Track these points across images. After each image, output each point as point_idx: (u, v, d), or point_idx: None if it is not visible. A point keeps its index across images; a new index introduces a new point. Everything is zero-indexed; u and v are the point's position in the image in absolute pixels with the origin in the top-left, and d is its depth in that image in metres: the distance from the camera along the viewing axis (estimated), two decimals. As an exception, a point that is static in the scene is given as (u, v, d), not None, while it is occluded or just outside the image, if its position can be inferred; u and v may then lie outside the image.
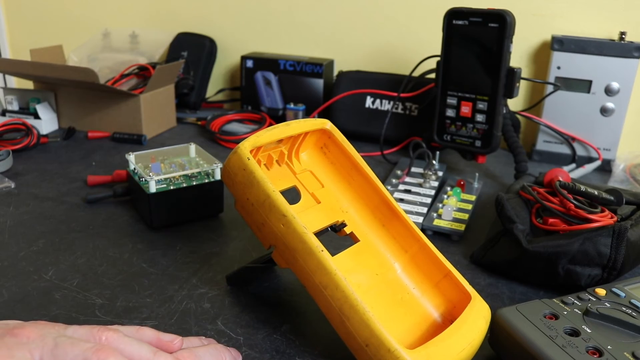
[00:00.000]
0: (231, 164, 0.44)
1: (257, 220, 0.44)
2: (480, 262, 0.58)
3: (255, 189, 0.43)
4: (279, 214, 0.42)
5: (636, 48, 0.87)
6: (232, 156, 0.44)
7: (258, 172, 0.43)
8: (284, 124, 0.47)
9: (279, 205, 0.42)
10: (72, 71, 0.92)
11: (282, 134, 0.47)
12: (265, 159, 0.50)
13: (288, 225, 0.41)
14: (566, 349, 0.37)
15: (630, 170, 0.85)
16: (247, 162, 0.43)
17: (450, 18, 0.78)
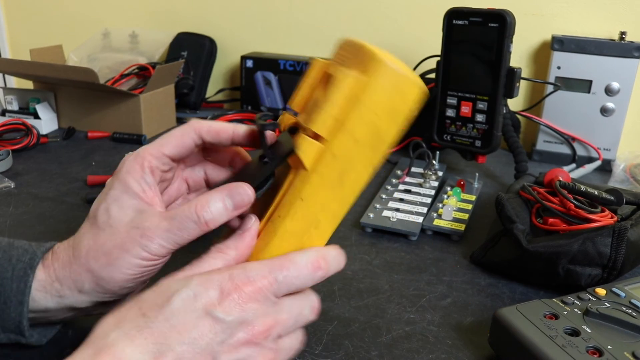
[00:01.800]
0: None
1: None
2: (480, 262, 0.58)
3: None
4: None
5: (636, 48, 0.87)
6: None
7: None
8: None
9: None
10: (72, 71, 0.92)
11: None
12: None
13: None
14: (566, 349, 0.37)
15: (630, 170, 0.85)
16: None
17: (450, 18, 0.78)
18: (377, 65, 0.35)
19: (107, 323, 0.31)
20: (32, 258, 0.37)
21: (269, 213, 0.37)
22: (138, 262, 0.36)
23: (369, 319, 0.48)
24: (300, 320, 0.36)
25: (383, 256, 0.59)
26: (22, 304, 0.37)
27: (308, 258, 0.35)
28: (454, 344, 0.45)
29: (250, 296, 0.32)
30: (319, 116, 0.35)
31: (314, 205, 0.36)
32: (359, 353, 0.44)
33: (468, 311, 0.50)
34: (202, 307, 0.31)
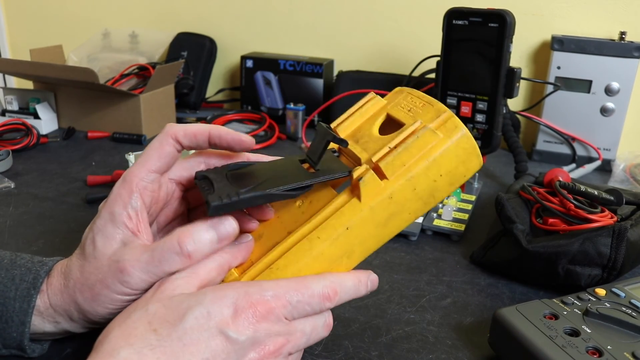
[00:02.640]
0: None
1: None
2: (480, 262, 0.58)
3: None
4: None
5: (636, 48, 0.87)
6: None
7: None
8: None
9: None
10: (72, 71, 0.92)
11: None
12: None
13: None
14: (566, 349, 0.37)
15: (630, 170, 0.85)
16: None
17: (450, 18, 0.78)
18: (457, 130, 0.37)
19: (115, 337, 0.31)
20: (36, 278, 0.37)
21: (306, 230, 0.37)
22: (119, 297, 0.35)
23: (369, 319, 0.48)
24: (313, 337, 0.36)
25: (383, 256, 0.59)
26: (24, 324, 0.37)
27: (323, 287, 0.35)
28: (454, 344, 0.45)
29: (264, 316, 0.32)
30: (390, 157, 0.37)
31: (355, 237, 0.37)
32: (359, 353, 0.44)
33: (468, 311, 0.50)
34: (215, 326, 0.31)
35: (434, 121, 0.38)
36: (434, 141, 0.37)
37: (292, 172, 0.39)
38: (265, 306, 0.32)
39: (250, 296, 0.32)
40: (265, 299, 0.33)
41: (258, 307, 0.32)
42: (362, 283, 0.38)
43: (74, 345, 0.43)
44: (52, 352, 0.42)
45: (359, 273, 0.38)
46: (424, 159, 0.36)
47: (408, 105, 0.41)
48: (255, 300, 0.32)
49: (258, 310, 0.32)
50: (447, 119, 0.38)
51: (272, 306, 0.33)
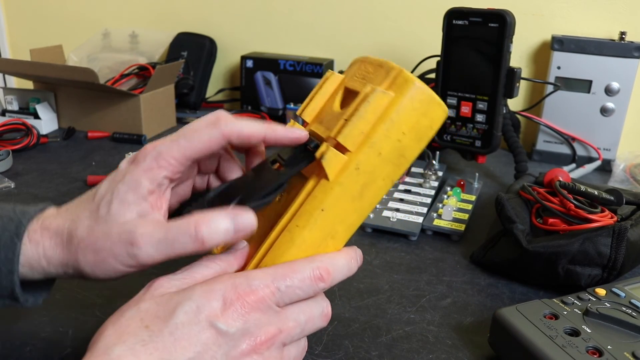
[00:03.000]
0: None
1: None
2: (480, 262, 0.58)
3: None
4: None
5: (636, 48, 0.87)
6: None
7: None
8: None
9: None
10: (72, 71, 0.92)
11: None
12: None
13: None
14: (566, 349, 0.37)
15: (630, 170, 0.85)
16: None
17: (450, 18, 0.78)
18: (408, 84, 0.36)
19: (109, 335, 0.31)
20: (18, 226, 0.37)
21: (285, 221, 0.37)
22: (122, 268, 0.35)
23: (369, 319, 0.48)
24: (309, 327, 0.35)
25: (383, 256, 0.59)
26: (12, 273, 0.36)
27: (312, 268, 0.35)
28: (454, 344, 0.45)
29: (253, 306, 0.32)
30: (346, 128, 0.35)
31: (333, 216, 0.36)
32: (359, 353, 0.44)
33: (468, 311, 0.50)
34: (205, 319, 0.31)
35: (384, 82, 0.37)
36: (386, 101, 0.35)
37: (264, 177, 0.39)
38: (254, 296, 0.32)
39: (238, 287, 0.32)
40: (252, 289, 0.33)
41: (246, 297, 0.32)
42: (352, 259, 0.37)
43: (74, 345, 0.43)
44: (52, 352, 0.42)
45: (347, 250, 0.38)
46: (381, 122, 0.35)
47: (362, 73, 0.40)
48: (243, 291, 0.32)
49: (246, 301, 0.32)
50: (396, 76, 0.36)
51: (261, 295, 0.33)
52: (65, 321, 0.46)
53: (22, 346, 0.43)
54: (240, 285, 0.33)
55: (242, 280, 0.33)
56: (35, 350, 0.43)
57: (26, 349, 0.43)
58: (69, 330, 0.45)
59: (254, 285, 0.33)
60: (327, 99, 0.41)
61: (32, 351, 0.42)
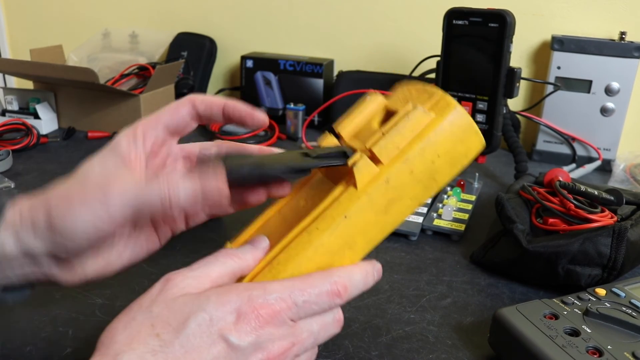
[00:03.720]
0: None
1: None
2: (480, 262, 0.58)
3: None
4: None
5: (636, 48, 0.87)
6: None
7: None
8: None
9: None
10: (72, 71, 0.92)
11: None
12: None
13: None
14: (566, 349, 0.37)
15: (630, 170, 0.85)
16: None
17: (450, 18, 0.78)
18: (450, 108, 0.36)
19: (119, 340, 0.30)
20: (1, 206, 0.37)
21: (306, 223, 0.36)
22: (91, 221, 0.33)
23: (369, 319, 0.48)
24: (322, 336, 0.35)
25: (383, 256, 0.59)
26: None
27: (330, 283, 0.34)
28: (454, 344, 0.45)
29: (267, 320, 0.32)
30: (382, 141, 0.36)
31: (355, 225, 0.36)
32: (359, 353, 0.44)
33: (468, 311, 0.50)
34: (217, 332, 0.31)
35: (426, 103, 0.37)
36: (426, 121, 0.36)
37: (292, 159, 0.39)
38: (269, 310, 0.32)
39: (254, 300, 0.32)
40: (269, 303, 0.32)
41: (261, 311, 0.32)
42: (369, 274, 0.37)
43: (74, 345, 0.43)
44: (52, 352, 0.42)
45: (364, 264, 0.37)
46: (417, 140, 0.35)
47: (405, 96, 0.40)
48: (259, 305, 0.32)
49: (261, 315, 0.32)
50: (439, 99, 0.36)
51: (277, 309, 0.32)
52: (65, 321, 0.46)
53: (22, 346, 0.43)
54: (257, 298, 0.32)
55: (259, 293, 0.32)
56: (35, 350, 0.43)
57: (26, 349, 0.43)
58: (69, 330, 0.45)
59: (270, 299, 0.32)
60: (369, 120, 0.41)
61: (32, 351, 0.42)
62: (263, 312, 0.32)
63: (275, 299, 0.32)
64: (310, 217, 0.36)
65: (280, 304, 0.32)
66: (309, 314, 0.34)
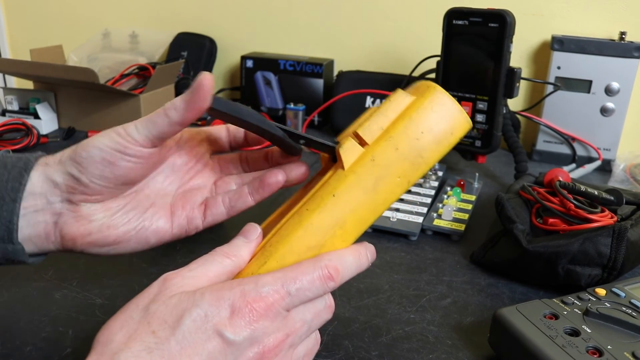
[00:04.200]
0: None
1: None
2: (480, 262, 0.58)
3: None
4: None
5: (636, 48, 0.87)
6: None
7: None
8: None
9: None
10: (72, 71, 0.92)
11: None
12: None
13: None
14: (566, 349, 0.37)
15: (630, 170, 0.85)
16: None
17: (450, 18, 0.78)
18: (430, 90, 0.37)
19: (116, 339, 0.30)
20: (27, 163, 0.39)
21: (297, 207, 0.37)
22: (108, 142, 0.37)
23: (369, 319, 0.48)
24: (315, 323, 0.35)
25: (383, 256, 0.59)
26: (14, 201, 0.38)
27: (321, 267, 0.34)
28: (454, 344, 0.45)
29: (261, 313, 0.32)
30: (366, 122, 0.37)
31: (344, 204, 0.36)
32: (359, 353, 0.44)
33: (468, 311, 0.50)
34: (212, 327, 0.31)
35: (410, 90, 0.39)
36: (407, 102, 0.38)
37: (285, 131, 0.41)
38: (263, 302, 0.32)
39: (247, 295, 0.32)
40: (262, 295, 0.32)
41: (255, 305, 0.32)
42: (362, 255, 0.37)
43: (74, 345, 0.43)
44: (52, 352, 0.42)
45: (355, 246, 0.37)
46: (400, 119, 0.37)
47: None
48: (252, 299, 0.32)
49: (255, 309, 0.32)
50: (420, 84, 0.38)
51: (270, 301, 0.32)
52: (65, 321, 0.46)
53: (22, 346, 0.43)
54: (250, 292, 0.32)
55: (251, 287, 0.32)
56: (35, 350, 0.43)
57: (26, 349, 0.43)
58: (69, 330, 0.45)
59: (263, 292, 0.32)
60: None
61: (32, 351, 0.42)
62: (257, 306, 0.32)
63: (267, 291, 0.32)
64: (301, 202, 0.38)
65: (274, 295, 0.33)
66: (303, 300, 0.34)
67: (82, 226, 0.39)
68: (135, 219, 0.41)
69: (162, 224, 0.42)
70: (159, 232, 0.42)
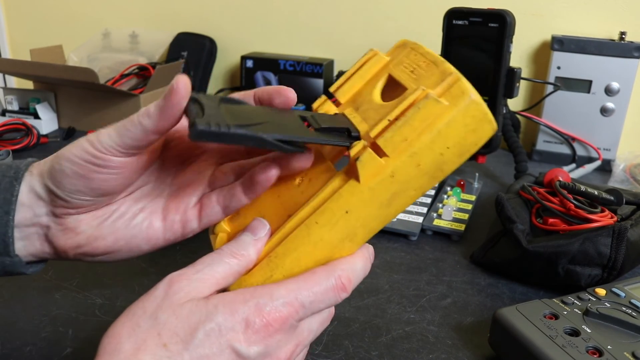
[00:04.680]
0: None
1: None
2: (480, 262, 0.58)
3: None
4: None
5: (636, 48, 0.87)
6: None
7: None
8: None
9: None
10: (72, 71, 0.92)
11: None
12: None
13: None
14: (566, 349, 0.37)
15: (630, 170, 0.85)
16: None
17: (450, 18, 0.78)
18: (465, 97, 0.33)
19: (124, 349, 0.30)
20: (17, 172, 0.37)
21: (304, 214, 0.35)
22: (80, 153, 0.34)
23: (369, 319, 0.48)
24: (319, 331, 0.35)
25: (383, 256, 0.59)
26: (8, 213, 0.36)
27: (335, 278, 0.34)
28: (454, 344, 0.45)
29: (277, 328, 0.31)
30: (388, 132, 0.33)
31: (356, 219, 0.34)
32: (359, 353, 0.44)
33: (468, 311, 0.50)
34: (226, 342, 0.30)
35: (437, 86, 0.34)
36: (437, 111, 0.32)
37: (290, 124, 0.36)
38: (277, 316, 0.31)
39: (262, 309, 0.31)
40: (276, 309, 0.32)
41: (270, 319, 0.31)
42: (367, 260, 0.36)
43: (74, 345, 0.43)
44: (52, 352, 0.42)
45: (362, 252, 0.36)
46: (427, 132, 0.32)
47: (412, 64, 0.37)
48: (267, 313, 0.31)
49: (270, 323, 0.31)
50: (452, 83, 0.33)
51: (285, 315, 0.32)
52: (65, 321, 0.46)
53: (23, 346, 0.43)
54: (264, 306, 0.31)
55: (265, 300, 0.32)
56: (35, 350, 0.43)
57: (26, 349, 0.43)
58: (69, 330, 0.45)
59: (278, 305, 0.32)
60: (367, 83, 0.39)
61: (32, 351, 0.42)
62: (271, 320, 0.31)
63: (282, 305, 0.32)
64: (308, 207, 0.35)
65: (288, 309, 0.32)
66: (315, 312, 0.34)
67: (70, 239, 0.38)
68: (123, 228, 0.38)
69: (154, 230, 0.39)
70: (151, 240, 0.39)
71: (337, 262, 0.35)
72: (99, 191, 0.36)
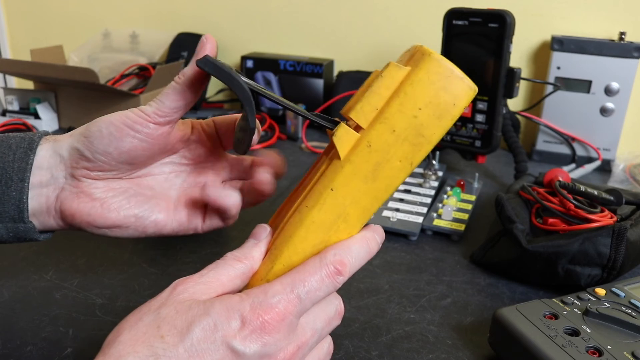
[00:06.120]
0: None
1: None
2: (480, 262, 0.58)
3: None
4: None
5: (636, 48, 0.87)
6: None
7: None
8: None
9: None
10: (72, 71, 0.92)
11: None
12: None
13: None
14: (566, 349, 0.38)
15: (630, 170, 0.85)
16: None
17: (450, 18, 0.78)
18: (425, 57, 0.33)
19: (123, 341, 0.30)
20: (31, 142, 0.40)
21: (296, 205, 0.36)
22: (121, 117, 0.39)
23: (369, 319, 0.48)
24: (326, 331, 0.35)
25: (383, 256, 0.60)
26: (23, 181, 0.39)
27: (325, 265, 0.33)
28: (454, 344, 0.45)
29: (274, 325, 0.31)
30: (358, 104, 0.34)
31: (344, 196, 0.34)
32: (359, 353, 0.44)
33: (468, 311, 0.50)
34: (221, 338, 0.30)
35: (403, 59, 0.34)
36: (400, 75, 0.33)
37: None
38: (274, 313, 0.31)
39: (258, 307, 0.31)
40: (272, 305, 0.31)
41: (266, 317, 0.31)
42: (370, 240, 0.36)
43: (74, 345, 0.43)
44: (52, 352, 0.42)
45: (361, 233, 0.36)
46: (394, 97, 0.33)
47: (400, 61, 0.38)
48: (263, 310, 0.31)
49: (267, 321, 0.31)
50: (415, 51, 0.34)
51: (282, 310, 0.31)
52: (65, 321, 0.46)
53: (23, 346, 0.43)
54: (260, 304, 0.31)
55: (261, 298, 0.32)
56: (35, 350, 0.43)
57: (26, 349, 0.43)
58: (69, 330, 0.45)
59: (273, 301, 0.32)
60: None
61: (32, 351, 0.42)
62: (268, 318, 0.31)
63: (278, 300, 0.32)
64: (301, 196, 0.36)
65: (284, 303, 0.32)
66: (315, 302, 0.33)
67: (82, 203, 0.40)
68: (135, 206, 0.42)
69: (162, 217, 0.43)
70: (158, 224, 0.43)
71: (329, 247, 0.35)
72: (126, 156, 0.40)
